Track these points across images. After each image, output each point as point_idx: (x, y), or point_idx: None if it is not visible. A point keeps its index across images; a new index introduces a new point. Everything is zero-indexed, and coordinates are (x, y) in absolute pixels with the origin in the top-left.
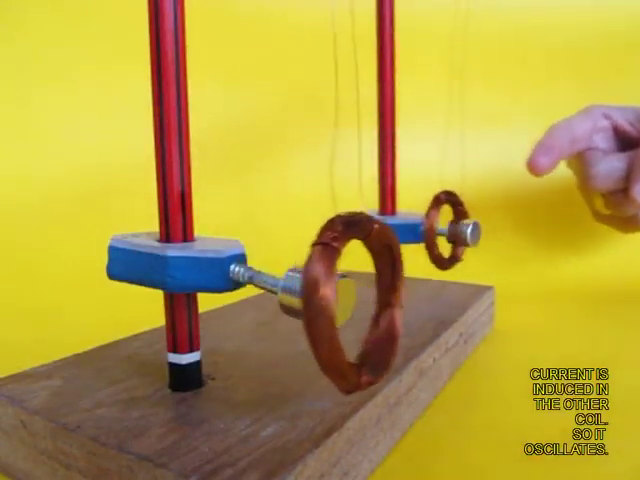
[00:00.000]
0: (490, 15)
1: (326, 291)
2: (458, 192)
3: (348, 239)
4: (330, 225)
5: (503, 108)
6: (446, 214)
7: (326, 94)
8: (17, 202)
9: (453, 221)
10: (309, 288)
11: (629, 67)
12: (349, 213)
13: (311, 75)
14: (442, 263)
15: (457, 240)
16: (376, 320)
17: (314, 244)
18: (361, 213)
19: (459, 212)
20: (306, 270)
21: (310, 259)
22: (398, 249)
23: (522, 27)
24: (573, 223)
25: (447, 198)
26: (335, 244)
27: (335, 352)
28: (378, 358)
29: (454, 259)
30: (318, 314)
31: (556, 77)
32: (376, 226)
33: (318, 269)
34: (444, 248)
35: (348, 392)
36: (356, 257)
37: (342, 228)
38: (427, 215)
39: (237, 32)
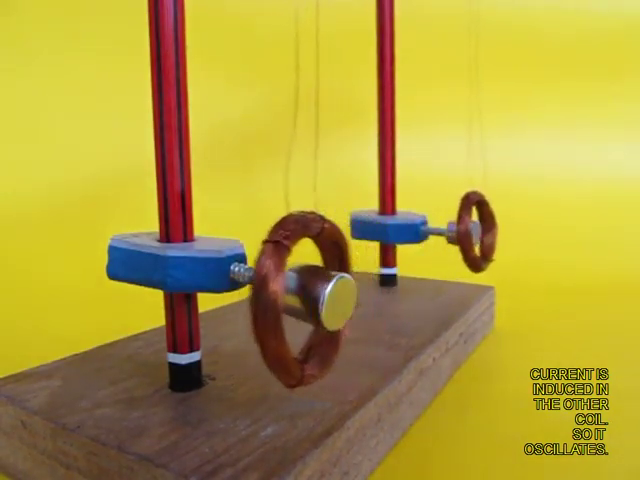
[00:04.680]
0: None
1: (275, 286)
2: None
3: (299, 237)
4: (282, 223)
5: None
6: (445, 214)
7: (326, 94)
8: (17, 202)
9: (452, 221)
10: (259, 283)
11: None
12: (301, 212)
13: (311, 75)
14: (478, 265)
15: (482, 242)
16: None
17: (265, 241)
18: (312, 212)
19: (485, 213)
20: (257, 266)
21: (261, 255)
22: (347, 247)
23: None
24: (573, 223)
25: (475, 198)
26: (286, 242)
27: (280, 347)
28: (322, 353)
29: (487, 260)
30: (266, 309)
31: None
32: (326, 225)
33: (268, 265)
34: (445, 249)
35: (292, 386)
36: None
37: (294, 226)
38: (459, 217)
39: (237, 32)
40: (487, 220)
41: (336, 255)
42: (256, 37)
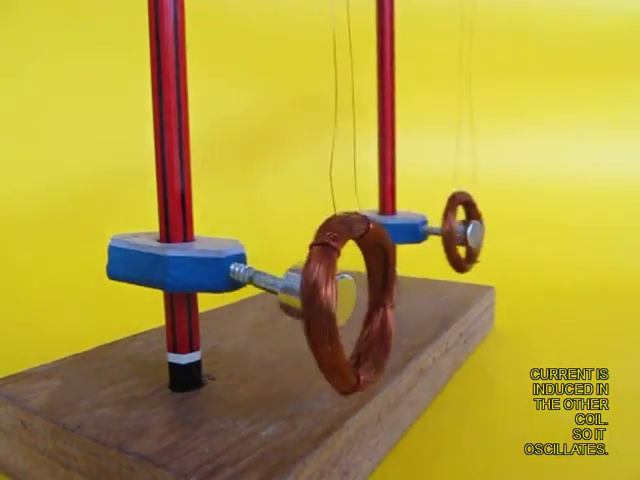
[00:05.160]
0: (497, 13)
1: (327, 292)
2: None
3: (346, 239)
4: (329, 225)
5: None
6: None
7: (326, 94)
8: (17, 202)
9: (462, 222)
10: (310, 289)
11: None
12: (345, 213)
13: (311, 75)
14: (461, 265)
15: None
16: (369, 320)
17: (313, 244)
18: (356, 213)
19: (472, 213)
20: (306, 271)
21: (310, 260)
22: (392, 249)
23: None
24: (574, 223)
25: (461, 198)
26: (334, 244)
27: (337, 353)
28: (373, 358)
29: (471, 261)
30: (319, 315)
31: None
32: (371, 226)
33: (318, 270)
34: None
35: (346, 393)
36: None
37: (340, 228)
38: (445, 217)
39: (237, 32)
40: (474, 220)
41: (381, 257)
42: (256, 37)
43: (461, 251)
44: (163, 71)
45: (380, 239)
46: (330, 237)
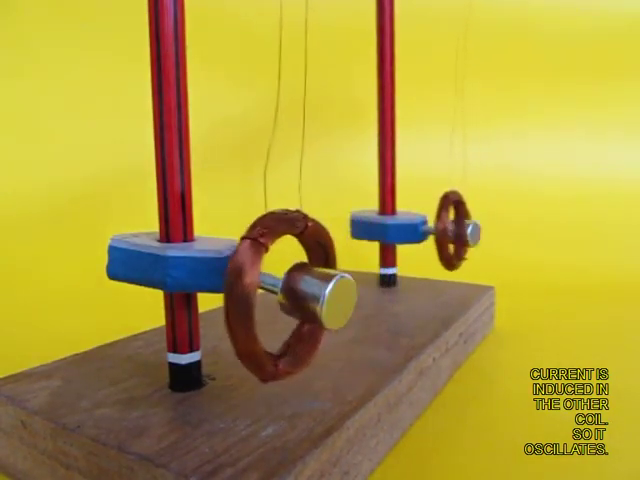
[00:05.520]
0: (492, 14)
1: (247, 280)
2: (461, 191)
3: (278, 235)
4: (259, 221)
5: (505, 108)
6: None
7: (326, 94)
8: (17, 202)
9: (451, 221)
10: (232, 276)
11: (630, 67)
12: (284, 210)
13: (311, 75)
14: (452, 263)
15: (457, 240)
16: None
17: (242, 238)
18: (295, 211)
19: (462, 211)
20: (231, 260)
21: (237, 251)
22: (331, 247)
23: (525, 27)
24: (574, 223)
25: (454, 197)
26: (262, 239)
27: (251, 341)
28: (299, 351)
29: (459, 258)
30: (237, 303)
31: (559, 77)
32: (310, 224)
33: (242, 259)
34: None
35: (265, 381)
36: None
37: (272, 224)
38: (438, 215)
39: (237, 32)
40: (463, 219)
41: (321, 254)
42: (256, 37)
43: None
44: (163, 71)
45: (319, 237)
46: (259, 233)
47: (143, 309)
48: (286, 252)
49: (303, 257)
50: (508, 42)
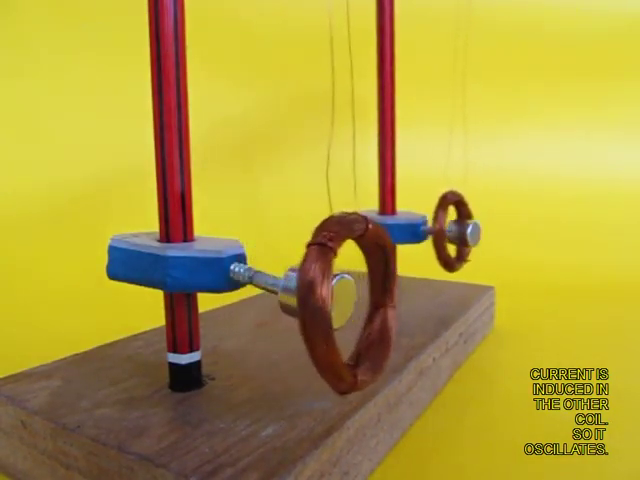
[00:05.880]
0: (493, 14)
1: (322, 291)
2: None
3: (343, 239)
4: (325, 225)
5: (505, 108)
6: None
7: (326, 94)
8: (17, 202)
9: (453, 221)
10: (305, 289)
11: (630, 67)
12: (343, 213)
13: (310, 75)
14: (451, 264)
15: (457, 240)
16: (369, 320)
17: (309, 244)
18: (355, 213)
19: (463, 212)
20: (302, 270)
21: (306, 259)
22: (392, 249)
23: (525, 27)
24: (574, 223)
25: (452, 198)
26: (331, 244)
27: (331, 353)
28: (372, 358)
29: (461, 260)
30: (314, 315)
31: (559, 77)
32: (370, 226)
33: (314, 269)
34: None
35: (344, 393)
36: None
37: (337, 228)
38: (436, 216)
39: (237, 32)
40: (464, 219)
41: (380, 258)
42: (256, 37)
43: (451, 250)
44: (163, 71)
45: (379, 239)
46: (326, 237)
47: (143, 309)
48: (286, 252)
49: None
50: (508, 42)
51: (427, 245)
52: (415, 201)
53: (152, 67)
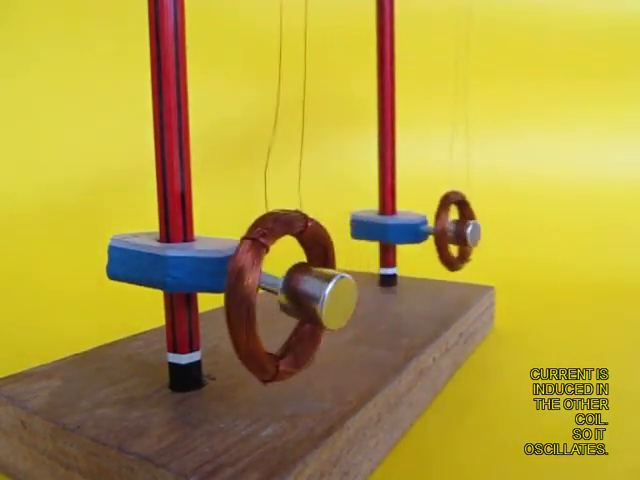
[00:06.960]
0: (494, 15)
1: (248, 281)
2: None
3: (278, 235)
4: (260, 222)
5: (505, 108)
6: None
7: (326, 94)
8: (17, 202)
9: (452, 221)
10: (233, 277)
11: (630, 67)
12: (282, 211)
13: (311, 75)
14: (452, 264)
15: (457, 240)
16: None
17: (242, 238)
18: (297, 211)
19: (465, 212)
20: (232, 261)
21: (237, 251)
22: (330, 246)
23: (527, 27)
24: (574, 223)
25: (454, 197)
26: (263, 240)
27: (253, 342)
28: (299, 352)
29: (463, 259)
30: (240, 303)
31: (559, 77)
32: (310, 224)
33: (243, 260)
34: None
35: (266, 382)
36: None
37: (272, 225)
38: (437, 215)
39: (237, 32)
40: (465, 219)
41: (320, 254)
42: (256, 37)
43: (453, 250)
44: (163, 71)
45: (318, 236)
46: (259, 233)
47: (143, 309)
48: (286, 252)
49: (303, 257)
50: (509, 42)
51: (427, 245)
52: (415, 201)
53: (152, 67)
